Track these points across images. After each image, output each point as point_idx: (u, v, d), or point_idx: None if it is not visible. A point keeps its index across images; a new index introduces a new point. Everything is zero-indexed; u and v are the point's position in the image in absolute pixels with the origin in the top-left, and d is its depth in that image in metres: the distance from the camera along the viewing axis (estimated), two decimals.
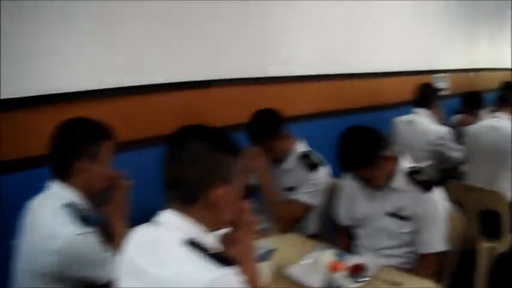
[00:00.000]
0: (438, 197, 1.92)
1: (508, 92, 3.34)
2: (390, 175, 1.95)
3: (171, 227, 1.13)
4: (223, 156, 1.15)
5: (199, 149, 1.14)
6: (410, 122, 3.33)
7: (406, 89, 3.54)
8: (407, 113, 3.50)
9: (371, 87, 3.78)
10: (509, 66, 6.44)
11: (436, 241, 1.91)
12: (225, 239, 1.27)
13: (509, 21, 6.47)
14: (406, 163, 1.99)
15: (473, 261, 2.95)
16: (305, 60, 3.21)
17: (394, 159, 1.96)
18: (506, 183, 3.01)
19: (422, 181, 1.92)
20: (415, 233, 1.94)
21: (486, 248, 2.92)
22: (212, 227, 1.18)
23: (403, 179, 1.94)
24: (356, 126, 1.93)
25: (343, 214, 2.16)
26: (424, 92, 3.43)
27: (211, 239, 1.17)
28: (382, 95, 3.91)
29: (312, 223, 2.45)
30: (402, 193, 1.94)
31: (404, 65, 4.18)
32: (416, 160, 3.19)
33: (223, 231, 1.28)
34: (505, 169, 3.00)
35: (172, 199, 1.15)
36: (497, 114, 3.18)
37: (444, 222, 1.92)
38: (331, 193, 2.40)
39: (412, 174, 1.94)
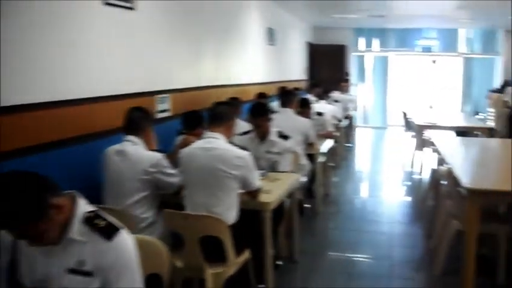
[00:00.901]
0: (125, 242, 1.84)
1: (222, 109, 3.49)
2: (65, 225, 1.82)
3: None
4: None
5: None
6: (121, 152, 3.30)
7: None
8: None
9: (81, 114, 3.60)
10: (238, 82, 6.99)
11: None
12: None
13: (235, 38, 7.04)
14: (83, 208, 1.86)
15: None
16: None
17: (68, 206, 1.81)
18: (224, 206, 3.17)
19: (103, 227, 1.81)
20: None
21: (212, 275, 3.06)
22: None
23: (81, 227, 1.83)
24: (10, 172, 1.74)
25: (25, 274, 1.94)
26: (133, 117, 3.40)
27: None
28: (95, 122, 3.78)
29: None
30: (82, 244, 1.84)
31: (123, 88, 4.12)
32: (132, 191, 3.18)
33: None
34: (221, 191, 3.19)
35: None
36: (211, 134, 3.30)
37: (136, 268, 1.85)
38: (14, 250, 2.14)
39: (91, 220, 1.82)
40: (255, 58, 8.21)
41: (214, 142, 3.26)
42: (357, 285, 4.11)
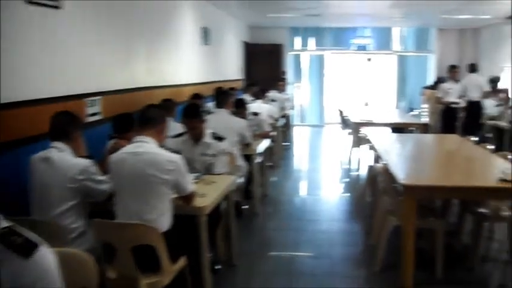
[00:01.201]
0: (44, 259, 1.71)
1: (152, 112, 3.38)
2: None
3: None
4: None
5: None
6: (46, 159, 3.14)
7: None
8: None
9: (4, 120, 3.41)
10: (172, 83, 6.88)
11: None
12: None
13: (168, 37, 6.92)
14: None
15: None
16: None
17: None
18: (156, 212, 3.07)
19: (19, 244, 1.68)
20: None
21: (147, 285, 2.99)
22: None
23: None
24: None
25: None
26: (59, 122, 3.27)
27: None
28: (20, 129, 3.59)
29: None
30: None
31: (49, 91, 3.94)
32: (60, 200, 3.03)
33: None
34: (153, 197, 3.10)
35: None
36: (141, 137, 3.19)
37: (58, 286, 1.73)
38: None
39: (6, 237, 1.69)
40: (189, 58, 8.11)
41: (144, 146, 3.15)
42: (299, 285, 4.10)
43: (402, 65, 14.72)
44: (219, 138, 4.35)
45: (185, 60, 7.85)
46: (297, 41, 14.47)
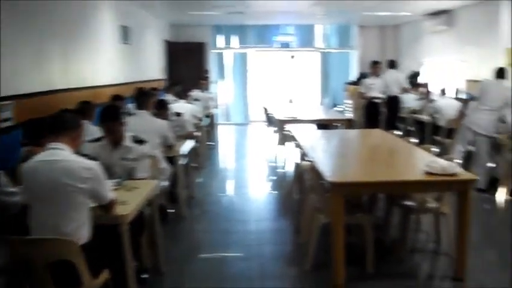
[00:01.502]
0: None
1: (66, 117, 3.21)
2: None
3: None
4: None
5: None
6: None
7: None
8: None
9: None
10: (91, 84, 6.63)
11: None
12: None
13: (85, 36, 6.69)
14: None
15: None
16: None
17: None
18: (74, 224, 2.91)
19: None
20: None
21: None
22: None
23: None
24: None
25: None
26: None
27: None
28: None
29: None
30: None
31: None
32: None
33: None
34: (70, 208, 2.94)
35: None
36: (54, 144, 3.01)
37: None
38: None
39: None
40: (109, 58, 7.86)
41: (57, 153, 2.96)
42: (229, 287, 4.03)
43: (325, 61, 14.95)
44: (140, 141, 4.21)
45: (104, 60, 7.60)
46: (220, 39, 14.39)
